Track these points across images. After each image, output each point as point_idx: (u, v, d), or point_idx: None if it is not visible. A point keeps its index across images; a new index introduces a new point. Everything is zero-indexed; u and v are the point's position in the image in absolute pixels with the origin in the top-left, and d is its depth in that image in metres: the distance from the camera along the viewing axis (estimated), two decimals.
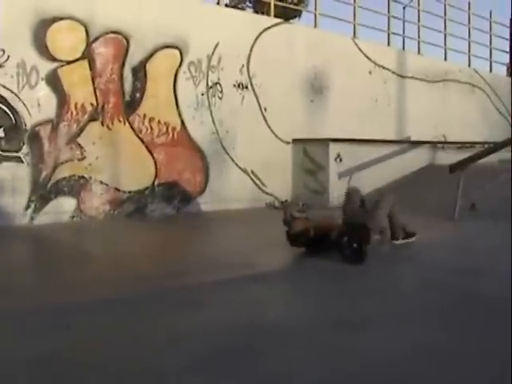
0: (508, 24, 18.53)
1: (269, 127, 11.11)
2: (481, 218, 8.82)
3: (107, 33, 8.99)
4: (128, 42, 9.21)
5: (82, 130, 8.81)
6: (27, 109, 8.30)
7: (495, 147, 11.13)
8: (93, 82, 8.93)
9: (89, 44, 8.82)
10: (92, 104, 8.91)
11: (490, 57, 18.15)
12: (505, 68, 20.01)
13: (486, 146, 11.98)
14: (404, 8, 15.62)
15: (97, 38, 8.90)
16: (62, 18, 8.52)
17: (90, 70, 8.88)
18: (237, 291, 4.85)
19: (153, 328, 3.87)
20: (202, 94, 10.17)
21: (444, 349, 3.48)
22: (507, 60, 19.75)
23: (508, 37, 18.73)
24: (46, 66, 8.43)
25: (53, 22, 8.45)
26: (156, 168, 9.63)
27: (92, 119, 8.92)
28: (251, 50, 10.84)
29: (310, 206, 10.52)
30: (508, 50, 19.07)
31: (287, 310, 4.48)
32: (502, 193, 9.63)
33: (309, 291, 4.99)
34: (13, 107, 8.23)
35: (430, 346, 3.52)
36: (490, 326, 3.92)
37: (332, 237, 6.10)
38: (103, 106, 9.02)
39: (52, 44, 8.46)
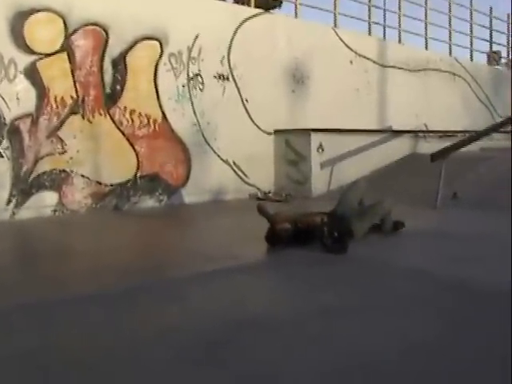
0: (488, 12, 18.65)
1: (250, 118, 11.09)
2: (463, 206, 8.85)
3: (86, 25, 8.89)
4: (107, 33, 9.12)
5: (62, 124, 8.73)
6: (6, 103, 8.21)
7: (476, 136, 11.21)
8: (72, 75, 8.84)
9: (67, 36, 8.72)
10: (72, 97, 8.83)
11: (471, 45, 18.20)
12: (485, 56, 20.08)
13: (468, 134, 12.03)
14: None
15: (75, 30, 8.80)
16: (39, 10, 8.42)
17: (70, 62, 8.79)
18: (222, 283, 4.84)
19: (138, 321, 3.86)
20: (183, 86, 10.13)
21: (430, 337, 3.48)
22: (487, 49, 19.86)
23: (488, 25, 18.85)
24: (24, 59, 8.33)
25: (30, 14, 8.33)
26: (138, 160, 9.58)
27: (72, 112, 8.84)
28: (232, 41, 10.80)
29: (293, 197, 10.61)
30: (488, 38, 19.22)
31: (272, 301, 4.46)
32: (483, 181, 9.69)
33: (293, 281, 4.99)
34: None
35: (416, 334, 3.53)
36: (478, 314, 3.94)
37: (314, 228, 6.10)
38: (83, 99, 8.94)
39: (30, 36, 8.34)
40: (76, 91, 8.87)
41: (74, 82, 8.85)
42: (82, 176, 8.96)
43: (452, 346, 3.37)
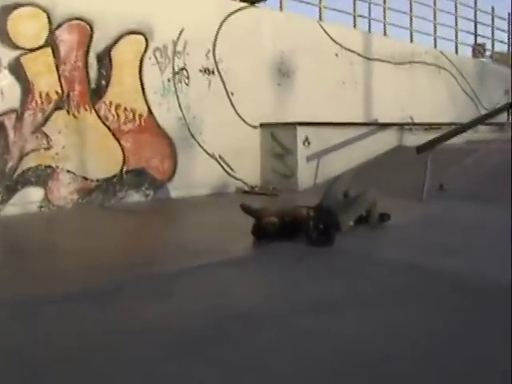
0: (472, 5, 18.72)
1: (236, 112, 11.08)
2: (449, 198, 8.88)
3: (70, 19, 8.84)
4: (92, 28, 9.08)
5: (47, 119, 8.69)
6: None
7: (462, 128, 11.24)
8: (57, 70, 8.79)
9: (52, 31, 8.67)
10: (57, 92, 8.78)
11: (456, 38, 18.25)
12: (470, 49, 20.17)
13: (453, 127, 12.06)
14: None
15: (60, 25, 8.74)
16: (22, 5, 8.37)
17: (54, 57, 8.74)
18: (209, 277, 4.85)
19: (125, 318, 3.85)
20: (169, 80, 10.11)
21: (416, 329, 3.50)
22: (472, 41, 19.95)
23: (473, 18, 18.94)
24: (8, 55, 8.27)
25: (14, 8, 8.28)
26: (124, 155, 9.56)
27: (57, 108, 8.80)
28: (217, 35, 10.77)
29: (280, 190, 10.61)
30: (473, 31, 19.31)
31: (260, 295, 4.47)
32: (469, 173, 9.72)
33: (280, 275, 5.00)
34: None
35: (402, 326, 3.54)
36: (466, 305, 3.96)
37: (300, 222, 6.12)
38: (68, 94, 8.90)
39: (14, 31, 8.28)
40: (61, 86, 8.82)
41: (59, 77, 8.80)
42: (68, 171, 8.92)
43: (442, 337, 3.40)
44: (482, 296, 4.17)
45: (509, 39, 20.61)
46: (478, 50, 20.23)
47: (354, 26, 14.54)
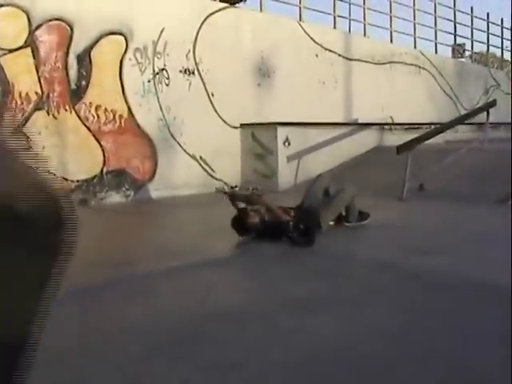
0: (451, 5, 18.85)
1: (216, 112, 11.09)
2: (429, 197, 8.94)
3: (50, 20, 8.82)
4: (72, 29, 9.06)
5: (27, 120, 8.66)
6: None
7: (442, 128, 11.34)
8: (37, 71, 8.76)
9: (31, 32, 8.64)
10: (37, 93, 8.76)
11: (435, 38, 18.36)
12: (450, 49, 20.32)
13: (433, 126, 12.14)
14: None
15: (39, 26, 8.72)
16: (2, 5, 8.32)
17: (34, 58, 8.71)
18: (189, 278, 4.83)
19: (105, 318, 3.83)
20: (149, 81, 10.10)
21: (399, 329, 3.52)
22: (452, 42, 20.12)
23: (452, 18, 19.07)
24: None
25: None
26: (104, 156, 9.54)
27: (37, 108, 8.77)
28: (197, 35, 10.78)
29: (260, 191, 10.61)
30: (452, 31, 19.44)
31: (240, 295, 4.46)
32: (449, 173, 9.79)
33: (261, 275, 5.00)
34: None
35: (385, 326, 3.56)
36: (442, 304, 3.99)
37: (281, 222, 6.12)
38: (48, 95, 8.87)
39: None
40: (41, 87, 8.79)
41: (39, 78, 8.77)
42: (48, 172, 8.86)
43: (420, 336, 3.42)
44: (463, 295, 4.19)
45: (488, 39, 20.79)
46: (457, 50, 20.40)
47: (334, 27, 14.59)
